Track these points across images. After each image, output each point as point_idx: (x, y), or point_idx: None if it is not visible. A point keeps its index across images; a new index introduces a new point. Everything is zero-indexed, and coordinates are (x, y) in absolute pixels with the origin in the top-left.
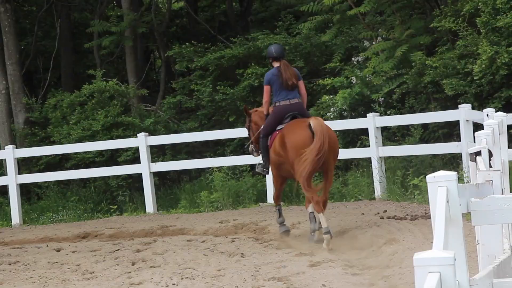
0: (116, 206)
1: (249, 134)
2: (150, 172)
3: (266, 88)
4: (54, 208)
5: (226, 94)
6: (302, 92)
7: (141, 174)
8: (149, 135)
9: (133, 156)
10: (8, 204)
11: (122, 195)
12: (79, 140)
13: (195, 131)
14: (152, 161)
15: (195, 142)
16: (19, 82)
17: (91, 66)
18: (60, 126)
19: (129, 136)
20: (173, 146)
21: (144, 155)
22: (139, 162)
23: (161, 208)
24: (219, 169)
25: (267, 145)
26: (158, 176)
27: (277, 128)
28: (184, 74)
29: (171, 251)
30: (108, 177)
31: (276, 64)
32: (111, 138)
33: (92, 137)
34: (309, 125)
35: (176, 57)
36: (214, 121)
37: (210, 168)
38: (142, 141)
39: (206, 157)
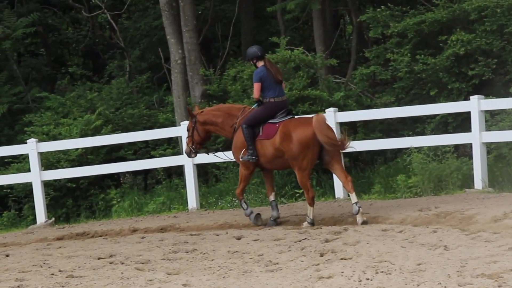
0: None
1: (191, 135)
2: (340, 153)
3: (258, 85)
4: (234, 192)
5: (427, 64)
6: (283, 87)
7: None
8: (338, 111)
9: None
10: (184, 187)
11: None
12: None
13: (391, 106)
14: None
15: (391, 118)
16: (196, 51)
17: (274, 33)
18: (240, 100)
19: (316, 111)
20: (366, 123)
21: None
22: None
23: None
24: (419, 149)
25: (254, 134)
26: (349, 157)
27: (271, 121)
28: (379, 41)
29: (364, 241)
30: None
31: (260, 63)
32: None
33: None
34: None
35: (370, 22)
36: (413, 95)
37: (408, 148)
38: (330, 118)
39: (403, 136)
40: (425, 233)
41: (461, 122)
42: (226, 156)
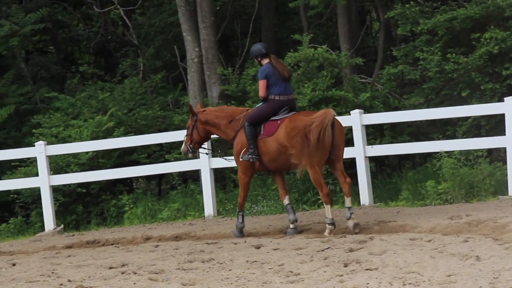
0: None
1: (191, 133)
2: (366, 157)
3: (263, 83)
4: (253, 198)
5: (459, 63)
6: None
7: (354, 158)
8: (364, 113)
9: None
10: (201, 192)
11: (331, 184)
12: None
13: (420, 108)
14: (368, 144)
15: (420, 121)
16: (213, 49)
17: (296, 30)
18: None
19: (341, 114)
20: (393, 125)
21: (358, 136)
22: (352, 145)
23: (378, 200)
24: (449, 154)
25: (256, 133)
26: (375, 162)
27: (272, 119)
28: (407, 39)
29: (390, 251)
30: None
31: (266, 61)
32: None
33: None
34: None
35: (398, 19)
36: (444, 96)
37: (438, 152)
38: (355, 120)
39: (433, 139)
40: (455, 242)
41: (495, 125)
42: (226, 160)
